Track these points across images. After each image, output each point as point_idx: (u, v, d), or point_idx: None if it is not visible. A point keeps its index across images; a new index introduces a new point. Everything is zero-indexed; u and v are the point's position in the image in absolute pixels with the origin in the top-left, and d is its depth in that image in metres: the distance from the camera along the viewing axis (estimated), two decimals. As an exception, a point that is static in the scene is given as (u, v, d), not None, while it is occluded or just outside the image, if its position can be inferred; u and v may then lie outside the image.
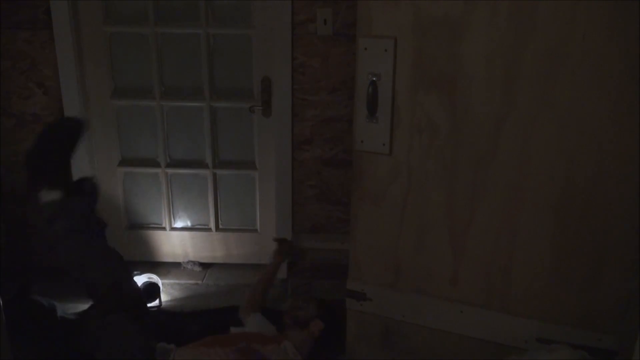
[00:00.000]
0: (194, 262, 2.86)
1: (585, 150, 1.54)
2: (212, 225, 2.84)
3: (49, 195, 1.88)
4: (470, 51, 1.58)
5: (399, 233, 1.81)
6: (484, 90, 1.60)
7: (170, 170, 2.76)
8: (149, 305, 2.45)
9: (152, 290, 2.58)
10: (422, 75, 1.64)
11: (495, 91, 1.59)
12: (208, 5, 2.52)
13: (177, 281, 2.76)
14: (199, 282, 2.76)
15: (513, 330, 1.77)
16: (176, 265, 2.84)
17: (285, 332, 2.10)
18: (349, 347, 2.05)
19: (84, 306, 2.37)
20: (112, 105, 2.66)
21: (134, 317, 1.87)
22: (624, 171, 1.51)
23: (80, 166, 2.63)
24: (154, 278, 2.63)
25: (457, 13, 1.56)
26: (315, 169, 2.65)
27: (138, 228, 2.85)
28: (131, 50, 2.60)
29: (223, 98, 2.65)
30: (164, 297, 2.64)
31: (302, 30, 2.46)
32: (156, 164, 2.75)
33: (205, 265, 2.87)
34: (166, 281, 2.73)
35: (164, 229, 2.84)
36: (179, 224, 2.86)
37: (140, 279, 2.58)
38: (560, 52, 1.49)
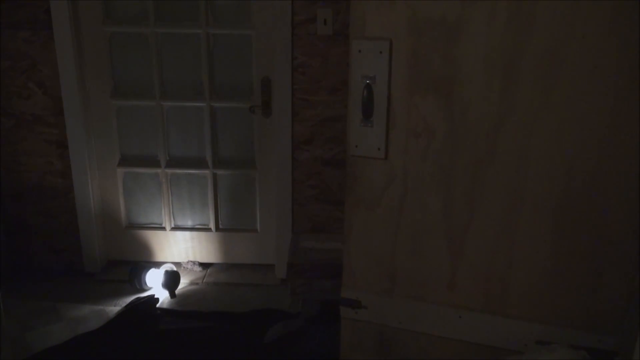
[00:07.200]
0: (194, 262, 2.86)
1: (584, 151, 1.51)
2: (212, 225, 2.83)
3: None
4: (467, 53, 1.55)
5: (395, 239, 1.79)
6: (482, 92, 1.57)
7: (170, 170, 2.75)
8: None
9: (174, 277, 2.66)
10: (418, 78, 1.61)
11: (494, 93, 1.56)
12: (208, 5, 2.51)
13: (177, 281, 2.76)
14: (199, 282, 2.75)
15: (512, 333, 1.75)
16: (176, 265, 2.84)
17: None
18: (343, 356, 2.03)
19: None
20: (112, 105, 2.66)
21: None
22: (623, 172, 1.49)
23: (81, 166, 2.65)
24: (174, 267, 2.74)
25: (455, 14, 1.53)
26: (315, 169, 2.64)
27: (138, 228, 2.85)
28: (131, 50, 2.59)
29: (223, 98, 2.64)
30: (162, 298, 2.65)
31: (302, 30, 2.44)
32: (156, 164, 2.75)
33: (205, 265, 2.87)
34: (166, 281, 2.73)
35: (164, 229, 2.84)
36: (178, 223, 2.85)
37: (160, 270, 2.67)
38: (559, 53, 1.46)
